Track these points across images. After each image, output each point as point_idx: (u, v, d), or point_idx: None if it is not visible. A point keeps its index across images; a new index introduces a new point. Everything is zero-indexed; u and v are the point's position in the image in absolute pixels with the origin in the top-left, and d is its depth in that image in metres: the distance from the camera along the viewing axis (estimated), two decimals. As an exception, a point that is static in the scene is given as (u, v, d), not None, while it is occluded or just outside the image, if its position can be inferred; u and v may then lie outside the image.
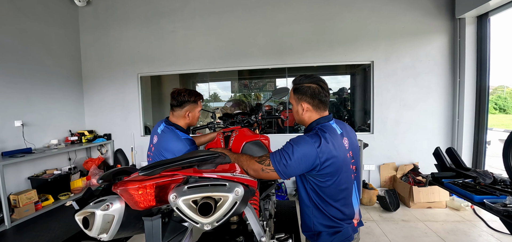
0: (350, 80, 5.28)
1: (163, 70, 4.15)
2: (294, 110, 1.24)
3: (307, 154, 1.03)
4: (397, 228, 2.83)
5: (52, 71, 3.77)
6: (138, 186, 0.63)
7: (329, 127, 1.14)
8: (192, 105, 1.60)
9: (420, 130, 3.61)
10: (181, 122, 1.61)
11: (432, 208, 3.23)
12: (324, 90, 1.16)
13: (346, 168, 1.13)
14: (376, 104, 3.65)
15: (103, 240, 0.66)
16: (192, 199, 0.58)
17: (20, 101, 3.30)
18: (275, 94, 1.80)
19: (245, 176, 0.81)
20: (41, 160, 3.54)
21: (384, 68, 3.58)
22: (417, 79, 3.54)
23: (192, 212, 0.57)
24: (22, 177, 3.29)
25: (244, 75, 6.95)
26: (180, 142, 1.49)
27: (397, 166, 3.67)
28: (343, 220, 1.16)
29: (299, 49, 3.75)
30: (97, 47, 4.23)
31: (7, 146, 3.11)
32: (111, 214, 0.67)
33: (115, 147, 4.33)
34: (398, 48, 3.53)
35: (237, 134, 1.50)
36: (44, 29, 3.65)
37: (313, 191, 1.15)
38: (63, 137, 3.92)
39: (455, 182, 1.78)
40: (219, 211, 0.58)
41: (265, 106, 7.06)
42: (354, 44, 3.62)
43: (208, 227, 0.59)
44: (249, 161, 1.11)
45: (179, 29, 4.00)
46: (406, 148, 3.66)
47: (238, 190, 0.60)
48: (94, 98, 4.34)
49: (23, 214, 2.85)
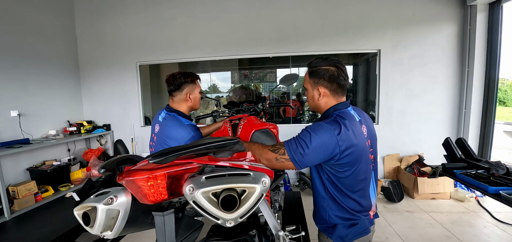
0: (353, 70, 5.19)
1: (162, 58, 4.03)
2: (309, 95, 1.15)
3: (326, 142, 0.96)
4: (402, 219, 2.82)
5: (48, 59, 3.64)
6: (147, 176, 0.55)
7: (348, 113, 1.06)
8: (191, 86, 1.52)
9: (426, 121, 3.55)
10: (183, 106, 1.54)
11: (436, 199, 3.21)
12: (344, 73, 1.07)
13: (365, 157, 1.06)
14: (382, 94, 3.58)
15: (107, 238, 0.59)
16: (212, 191, 0.51)
17: (16, 90, 3.19)
18: (283, 81, 1.72)
19: (261, 165, 0.74)
20: (39, 151, 3.46)
21: (390, 58, 3.49)
22: (424, 69, 3.45)
23: (213, 206, 0.50)
24: (20, 168, 3.22)
25: (245, 65, 6.81)
26: (183, 128, 1.42)
27: (402, 157, 3.63)
28: (360, 212, 1.10)
29: (304, 37, 3.63)
30: (93, 34, 4.08)
31: (4, 136, 3.03)
32: (115, 209, 0.59)
33: (115, 138, 4.25)
34: (406, 37, 3.43)
35: (245, 122, 1.43)
36: (39, 16, 3.50)
37: (329, 181, 1.08)
38: (61, 127, 3.83)
39: (467, 173, 1.74)
40: (244, 205, 0.50)
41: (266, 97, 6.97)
42: (361, 32, 3.50)
43: (231, 223, 0.52)
44: (262, 150, 1.04)
45: (179, 16, 3.85)
46: (411, 138, 3.62)
47: (265, 180, 0.52)
48: (92, 87, 4.22)
49: (23, 206, 2.79)
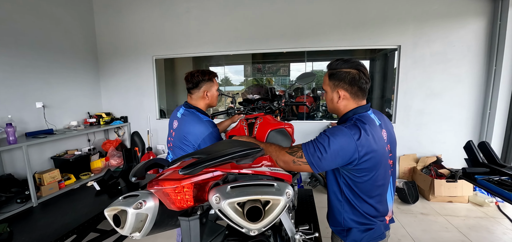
0: (369, 66, 5.03)
1: (176, 52, 4.08)
2: (328, 98, 1.14)
3: (345, 147, 0.95)
4: (416, 221, 2.76)
5: (69, 54, 3.78)
6: (176, 186, 0.58)
7: (368, 117, 1.04)
8: (208, 83, 1.57)
9: (446, 121, 3.41)
10: (201, 103, 1.59)
11: (453, 203, 3.11)
12: (365, 76, 1.04)
13: (384, 162, 1.04)
14: (400, 92, 3.46)
15: (136, 238, 0.62)
16: (237, 201, 0.53)
17: (40, 83, 3.35)
18: (300, 79, 1.69)
19: (280, 170, 0.74)
20: (62, 141, 3.65)
21: (411, 54, 3.35)
22: (447, 66, 3.29)
23: (238, 216, 0.51)
24: (45, 157, 3.41)
25: (258, 59, 6.77)
26: (202, 124, 1.47)
27: (418, 158, 3.52)
28: (376, 217, 1.09)
29: (320, 32, 3.54)
30: (111, 28, 4.18)
31: (30, 127, 3.21)
32: (144, 213, 0.62)
33: (132, 130, 4.40)
34: (428, 32, 3.27)
35: (261, 121, 1.44)
36: (61, 11, 3.62)
37: (346, 185, 1.07)
38: (82, 118, 4.01)
39: (490, 179, 1.67)
40: (269, 216, 0.51)
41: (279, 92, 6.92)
42: (381, 26, 3.37)
43: (255, 232, 0.53)
44: (278, 152, 1.05)
45: (193, 9, 3.87)
46: (429, 139, 3.49)
47: (289, 192, 0.53)
48: (110, 80, 4.36)
49: (48, 192, 2.97)
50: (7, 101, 2.97)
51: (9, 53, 2.99)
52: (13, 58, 3.03)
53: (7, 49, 2.97)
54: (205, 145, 1.48)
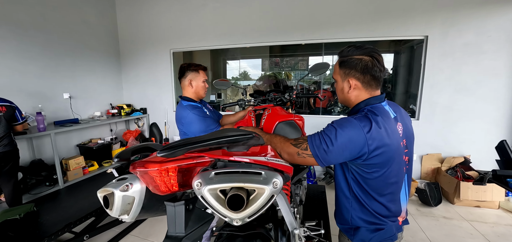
0: (394, 59, 4.73)
1: (193, 46, 4.13)
2: (339, 88, 1.05)
3: (353, 140, 0.88)
4: (437, 225, 2.57)
5: (94, 48, 3.99)
6: (157, 169, 0.56)
7: (381, 109, 0.95)
8: (193, 73, 1.69)
9: (477, 119, 3.11)
10: (188, 92, 1.71)
11: (481, 208, 2.85)
12: (379, 63, 0.95)
13: (398, 159, 0.95)
14: (426, 86, 3.21)
15: (125, 221, 0.62)
16: (220, 188, 0.50)
17: (67, 75, 3.58)
18: (312, 70, 1.63)
19: (280, 160, 0.70)
20: (86, 129, 3.89)
21: (440, 45, 3.08)
22: (480, 59, 2.99)
23: (219, 204, 0.49)
24: (71, 144, 3.66)
25: (276, 52, 6.65)
26: (183, 109, 1.62)
27: (443, 158, 3.27)
28: (387, 217, 1.01)
29: (338, 22, 3.38)
30: (132, 23, 4.33)
31: (58, 115, 3.45)
32: (131, 196, 0.62)
33: (150, 121, 4.57)
34: (460, 21, 2.97)
35: (269, 113, 1.40)
36: (87, 10, 3.83)
37: (355, 181, 1.00)
38: (104, 109, 4.23)
39: (526, 184, 1.49)
40: (252, 205, 0.48)
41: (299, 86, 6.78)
42: (405, 15, 3.12)
43: (238, 222, 0.50)
44: (283, 143, 1.00)
45: (209, 2, 3.88)
46: (457, 138, 3.21)
47: (276, 181, 0.49)
48: (131, 73, 4.54)
49: (73, 177, 3.19)
50: (39, 92, 3.22)
51: (41, 48, 3.22)
52: (44, 53, 3.27)
53: (40, 45, 3.21)
54: (190, 128, 1.59)
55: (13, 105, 2.34)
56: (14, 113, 2.33)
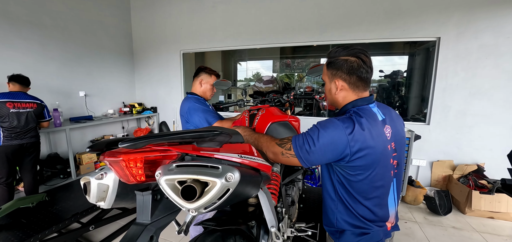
0: (408, 61, 4.58)
1: (203, 47, 4.22)
2: (327, 89, 1.05)
3: (335, 141, 0.87)
4: (445, 235, 2.44)
5: (108, 48, 4.18)
6: (122, 158, 0.59)
7: (368, 110, 0.94)
8: (206, 75, 1.82)
9: (493, 125, 2.93)
10: (197, 89, 1.83)
11: (495, 219, 2.68)
12: (365, 64, 0.94)
13: (384, 162, 0.94)
14: (437, 90, 3.07)
15: (103, 207, 0.67)
16: (177, 179, 0.53)
17: (83, 74, 3.78)
18: (310, 72, 1.62)
19: (257, 159, 0.72)
20: (100, 126, 4.08)
21: (454, 47, 2.94)
22: (498, 61, 2.82)
23: (174, 194, 0.52)
24: (85, 140, 3.86)
25: (287, 54, 6.62)
26: (186, 100, 1.74)
27: (455, 165, 3.10)
28: (373, 221, 0.99)
29: (348, 23, 3.31)
30: (144, 25, 4.50)
31: (74, 112, 3.65)
32: (105, 184, 0.67)
33: (160, 119, 4.71)
34: (477, 21, 2.82)
35: (263, 113, 1.41)
36: (101, 8, 4.03)
37: (340, 184, 0.99)
38: (117, 107, 4.42)
39: (539, 195, 1.39)
40: (205, 197, 0.51)
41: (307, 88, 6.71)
42: (418, 16, 3.00)
43: (194, 212, 0.53)
44: (269, 143, 1.01)
45: (219, 4, 3.95)
46: (471, 144, 3.04)
47: (231, 175, 0.51)
48: (143, 73, 4.71)
49: (85, 171, 3.37)
50: (57, 90, 3.43)
51: (60, 48, 3.43)
52: (63, 52, 3.47)
53: (60, 45, 3.42)
54: (190, 117, 1.69)
55: (43, 104, 2.60)
56: (43, 111, 2.60)
